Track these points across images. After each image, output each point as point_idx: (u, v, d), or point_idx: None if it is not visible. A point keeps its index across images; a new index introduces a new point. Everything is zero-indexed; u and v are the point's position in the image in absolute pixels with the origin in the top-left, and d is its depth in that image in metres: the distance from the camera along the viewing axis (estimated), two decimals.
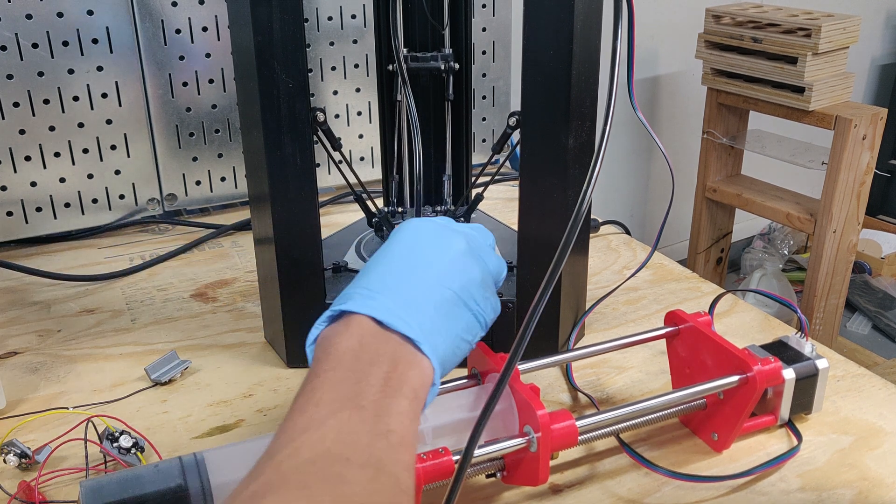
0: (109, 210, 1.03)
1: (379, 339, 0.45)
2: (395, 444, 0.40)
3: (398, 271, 0.49)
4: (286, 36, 0.62)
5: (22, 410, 0.68)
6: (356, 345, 0.44)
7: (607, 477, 0.59)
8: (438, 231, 0.52)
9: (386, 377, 0.43)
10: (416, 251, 0.51)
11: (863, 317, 2.42)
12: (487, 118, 1.20)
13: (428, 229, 0.52)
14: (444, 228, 0.53)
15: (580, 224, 0.48)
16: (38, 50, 0.93)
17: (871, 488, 0.58)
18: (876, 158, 1.85)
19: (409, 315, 0.46)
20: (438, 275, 0.49)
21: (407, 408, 0.42)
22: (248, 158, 0.72)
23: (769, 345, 0.65)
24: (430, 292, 0.48)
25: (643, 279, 0.89)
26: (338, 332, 0.46)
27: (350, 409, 0.40)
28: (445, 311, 0.48)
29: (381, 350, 0.44)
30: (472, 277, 0.51)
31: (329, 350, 0.45)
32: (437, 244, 0.51)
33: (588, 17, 0.63)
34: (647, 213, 2.49)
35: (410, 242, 0.52)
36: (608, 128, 0.49)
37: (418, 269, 0.49)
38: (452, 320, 0.48)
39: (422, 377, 0.45)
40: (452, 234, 0.52)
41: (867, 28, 2.47)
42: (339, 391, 0.42)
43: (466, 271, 0.50)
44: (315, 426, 0.39)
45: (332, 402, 0.41)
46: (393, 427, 0.41)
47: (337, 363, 0.44)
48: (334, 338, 0.45)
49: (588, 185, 0.49)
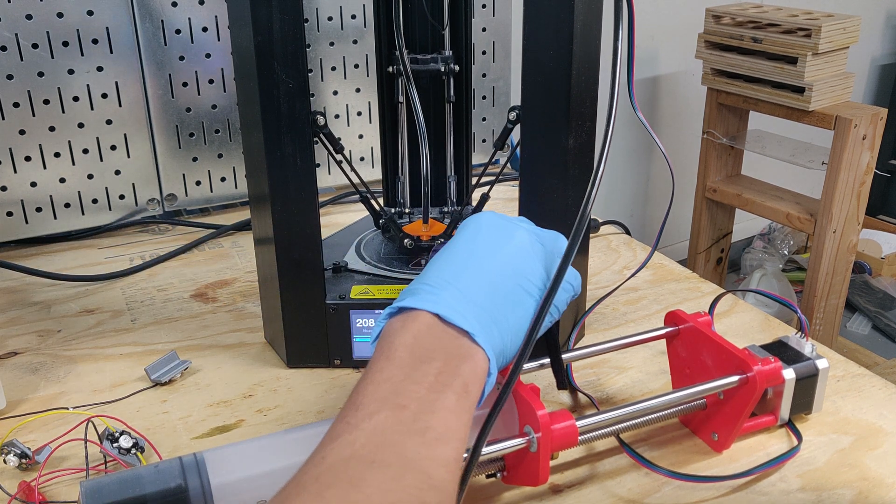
0: (109, 210, 1.03)
1: (435, 333, 0.46)
2: (432, 441, 0.40)
3: (459, 264, 0.50)
4: (286, 36, 0.62)
5: (22, 410, 0.68)
6: (411, 341, 0.45)
7: (607, 477, 0.59)
8: (500, 224, 0.54)
9: (437, 372, 0.44)
10: (477, 243, 0.52)
11: (863, 317, 2.42)
12: (487, 118, 1.20)
13: (489, 224, 0.54)
14: (506, 221, 0.54)
15: (584, 228, 0.49)
16: (38, 50, 0.93)
17: (871, 488, 0.58)
18: (876, 158, 1.85)
19: (467, 308, 0.47)
20: (499, 265, 0.51)
21: (454, 403, 0.43)
22: (248, 158, 0.72)
23: (769, 345, 0.65)
24: (489, 283, 0.49)
25: (643, 279, 0.89)
26: (395, 330, 0.47)
27: (388, 409, 0.41)
28: (505, 302, 0.49)
29: (436, 345, 0.45)
30: (535, 268, 0.52)
31: (383, 348, 0.46)
32: (498, 236, 0.53)
33: (588, 17, 0.63)
34: (647, 213, 2.49)
35: (472, 237, 0.53)
36: (611, 130, 0.49)
37: (478, 262, 0.51)
38: (514, 309, 0.50)
39: (475, 370, 0.45)
40: (513, 226, 0.54)
41: (867, 28, 2.47)
42: (381, 391, 0.43)
43: (528, 262, 0.52)
44: (349, 430, 0.40)
45: (371, 404, 0.42)
46: (433, 423, 0.41)
47: (387, 362, 0.45)
48: (391, 335, 0.47)
49: (591, 188, 0.50)
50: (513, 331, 0.49)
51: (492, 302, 0.49)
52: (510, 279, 0.50)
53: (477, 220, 0.55)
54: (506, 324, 0.49)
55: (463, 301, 0.48)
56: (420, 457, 0.39)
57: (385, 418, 0.41)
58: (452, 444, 0.42)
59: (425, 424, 0.41)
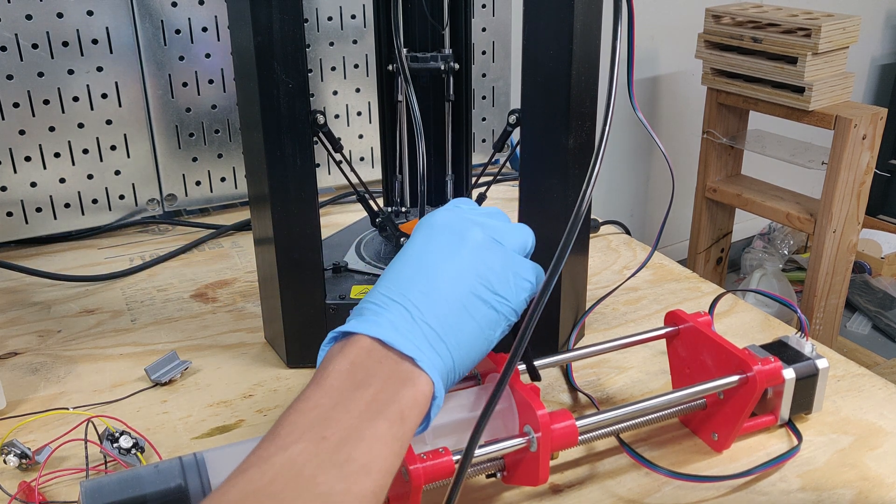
0: (109, 210, 1.03)
1: (375, 357, 0.44)
2: (351, 473, 0.39)
3: (408, 277, 0.48)
4: (286, 36, 0.62)
5: (22, 411, 0.68)
6: (347, 367, 0.44)
7: (607, 477, 0.59)
8: (452, 226, 0.51)
9: (371, 399, 0.42)
10: (428, 251, 0.50)
11: (863, 317, 2.42)
12: (487, 118, 1.20)
13: (442, 226, 0.51)
14: (460, 220, 0.52)
15: (580, 224, 0.48)
16: (37, 50, 0.93)
17: (871, 488, 0.58)
18: (876, 158, 1.85)
19: (412, 328, 0.46)
20: (450, 275, 0.49)
21: (385, 431, 0.41)
22: (248, 159, 0.72)
23: (769, 345, 0.65)
24: (440, 296, 0.47)
25: (643, 279, 0.89)
26: (333, 355, 0.45)
27: (307, 440, 0.40)
28: (457, 313, 0.47)
29: (375, 370, 0.44)
30: (491, 268, 0.50)
31: (317, 375, 0.44)
32: (450, 241, 0.50)
33: (588, 17, 0.63)
34: (647, 213, 2.49)
35: (422, 245, 0.51)
36: (608, 127, 0.49)
37: (429, 272, 0.49)
38: (467, 321, 0.48)
39: (415, 395, 0.44)
40: (467, 227, 0.51)
41: (867, 28, 2.47)
42: (305, 420, 0.41)
43: (483, 264, 0.50)
44: (258, 463, 0.39)
45: (290, 434, 0.40)
46: (356, 454, 0.40)
47: (317, 388, 0.43)
48: (329, 361, 0.45)
49: (588, 185, 0.49)
50: (465, 344, 0.48)
51: (442, 317, 0.47)
52: (463, 287, 0.48)
53: (429, 223, 0.52)
54: (456, 339, 0.47)
55: (408, 321, 0.46)
56: (333, 491, 0.38)
57: (301, 450, 0.39)
58: (373, 476, 0.40)
59: (347, 455, 0.39)
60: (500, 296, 0.50)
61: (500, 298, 0.50)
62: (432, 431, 0.53)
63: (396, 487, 0.50)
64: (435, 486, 0.50)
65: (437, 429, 0.53)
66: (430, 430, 0.53)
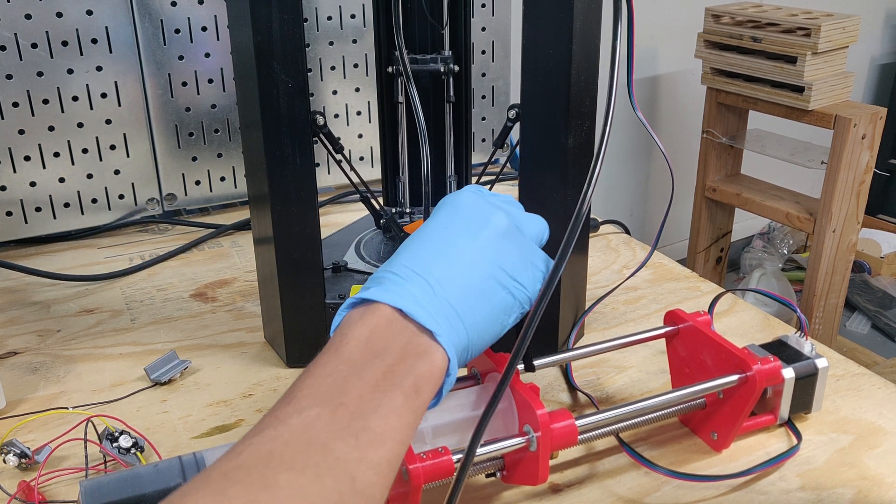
0: (109, 210, 1.03)
1: (394, 328, 0.44)
2: (366, 443, 0.39)
3: (430, 252, 0.48)
4: (285, 36, 0.62)
5: (22, 410, 0.68)
6: (366, 335, 0.44)
7: (607, 476, 0.59)
8: (476, 208, 0.51)
9: (388, 370, 0.42)
10: (451, 230, 0.50)
11: (862, 316, 2.42)
12: (487, 118, 1.20)
13: (466, 207, 0.51)
14: (484, 204, 0.52)
15: (580, 225, 0.48)
16: (37, 50, 0.92)
17: (870, 487, 0.58)
18: (875, 158, 1.85)
19: (432, 303, 0.46)
20: (472, 256, 0.48)
21: (400, 403, 0.41)
22: (248, 158, 0.72)
23: (769, 344, 0.65)
24: (460, 274, 0.47)
25: (643, 279, 0.89)
26: (353, 322, 0.45)
27: (324, 406, 0.39)
28: (476, 294, 0.47)
29: (393, 341, 0.44)
30: (511, 254, 0.50)
31: (335, 341, 0.44)
32: (474, 222, 0.50)
33: (588, 16, 0.63)
34: (646, 212, 2.49)
35: (447, 220, 0.51)
36: (608, 127, 0.49)
37: (451, 249, 0.48)
38: (484, 303, 0.48)
39: (431, 369, 0.44)
40: (491, 211, 0.51)
41: (867, 27, 2.47)
42: (321, 387, 0.41)
43: (503, 249, 0.50)
44: (274, 425, 0.38)
45: (306, 399, 0.40)
46: (372, 424, 0.39)
47: (335, 355, 0.43)
48: (346, 328, 0.45)
49: (589, 185, 0.49)
50: (480, 325, 0.48)
51: (461, 295, 0.47)
52: (484, 269, 0.48)
53: (454, 201, 0.52)
54: (473, 319, 0.47)
55: (430, 295, 0.46)
56: (348, 459, 0.38)
57: (317, 415, 0.39)
58: (388, 445, 0.40)
59: (362, 424, 0.39)
60: (517, 282, 0.50)
61: (517, 285, 0.50)
62: (432, 431, 0.53)
63: (396, 487, 0.50)
64: (435, 486, 0.50)
65: (436, 428, 0.53)
66: (429, 430, 0.53)
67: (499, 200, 0.54)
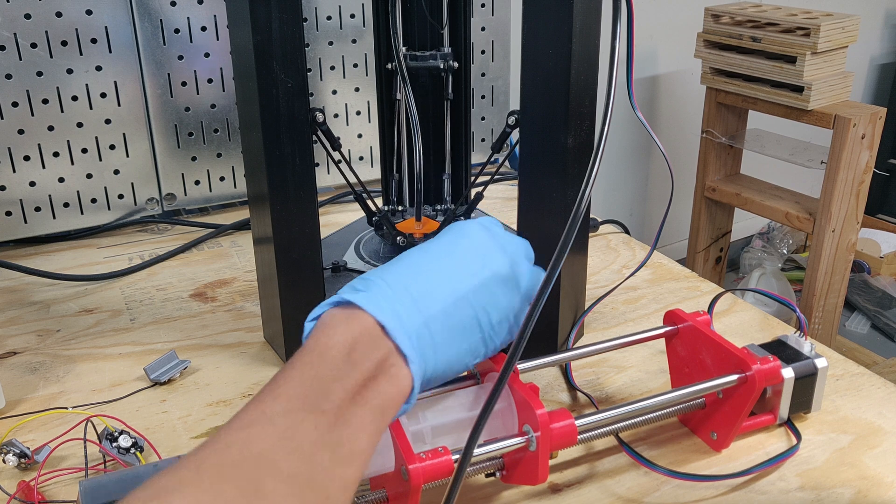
0: (108, 210, 1.03)
1: (374, 342, 0.44)
2: (340, 459, 0.38)
3: (426, 276, 0.48)
4: (285, 35, 0.62)
5: (21, 410, 0.68)
6: (349, 343, 0.43)
7: (606, 476, 0.59)
8: (482, 245, 0.51)
9: (362, 384, 0.42)
10: (454, 259, 0.49)
11: (862, 316, 2.42)
12: (486, 117, 1.20)
13: (476, 239, 0.51)
14: (492, 244, 0.51)
15: (578, 223, 0.48)
16: (36, 50, 0.92)
17: (870, 487, 0.58)
18: (875, 157, 1.85)
19: (414, 326, 0.45)
20: (465, 293, 0.48)
21: (369, 422, 0.41)
22: (247, 158, 0.72)
23: (768, 344, 0.65)
24: (449, 308, 0.47)
25: (642, 278, 0.89)
26: (337, 323, 0.44)
27: (308, 410, 0.39)
28: (456, 332, 0.47)
29: (371, 356, 0.43)
30: (499, 303, 0.50)
31: (320, 340, 0.43)
32: (478, 259, 0.50)
33: (587, 16, 0.63)
34: (646, 212, 2.49)
35: (452, 247, 0.50)
36: (607, 127, 0.49)
37: (446, 281, 0.48)
38: (459, 341, 0.48)
39: (396, 394, 0.43)
40: (495, 254, 0.51)
41: (866, 27, 2.47)
42: (306, 388, 0.40)
43: (495, 296, 0.49)
44: (263, 422, 0.38)
45: (293, 399, 0.39)
46: (345, 440, 0.39)
47: (319, 357, 0.42)
48: (331, 328, 0.44)
49: (587, 183, 0.49)
50: (449, 362, 0.47)
51: (443, 328, 0.46)
52: (471, 310, 0.48)
53: (461, 230, 0.52)
54: (446, 355, 0.47)
55: (414, 317, 0.45)
56: (326, 474, 0.37)
57: (302, 420, 0.38)
58: (356, 465, 0.39)
59: (339, 437, 0.39)
60: (495, 332, 0.49)
61: (493, 334, 0.49)
62: (431, 430, 0.53)
63: (396, 486, 0.50)
64: (434, 486, 0.50)
65: (436, 428, 0.53)
66: (429, 429, 0.53)
67: (508, 243, 0.53)
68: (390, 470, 0.51)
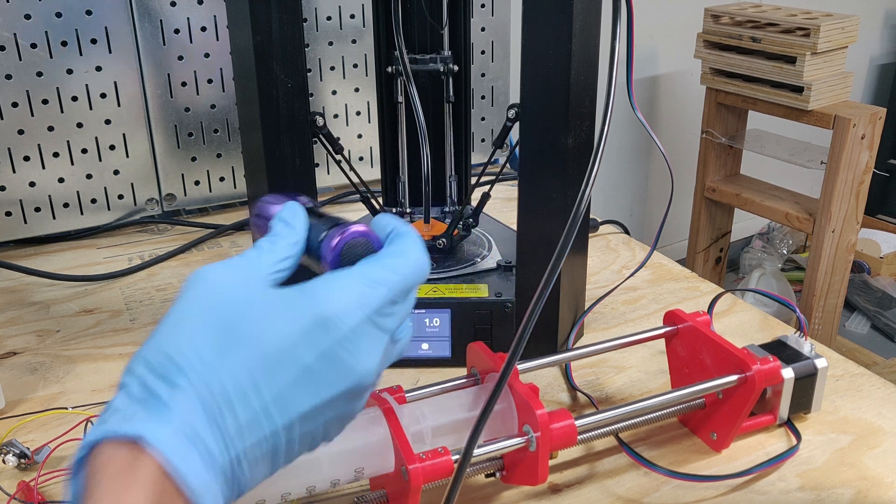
0: (108, 210, 1.03)
1: (167, 491, 0.33)
2: None
3: (251, 373, 0.36)
4: (285, 36, 0.62)
5: (21, 410, 0.68)
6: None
7: (606, 476, 0.59)
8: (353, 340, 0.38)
9: None
10: (299, 353, 0.37)
11: (862, 316, 2.42)
12: (486, 118, 1.20)
13: (343, 326, 0.38)
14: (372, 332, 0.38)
15: (578, 223, 0.48)
16: (36, 50, 0.92)
17: (870, 487, 0.58)
18: (875, 158, 1.85)
19: (217, 466, 0.34)
20: (305, 413, 0.37)
21: None
22: (247, 158, 0.72)
23: (768, 344, 0.65)
24: (280, 430, 0.36)
25: (642, 279, 0.89)
26: (119, 473, 0.32)
27: None
28: (275, 455, 0.37)
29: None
30: (346, 416, 0.39)
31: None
32: (337, 365, 0.37)
33: (587, 16, 0.63)
34: (646, 212, 2.49)
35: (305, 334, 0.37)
36: (607, 127, 0.49)
37: (283, 395, 0.36)
38: (276, 461, 0.38)
39: None
40: (366, 358, 0.38)
41: (866, 28, 2.47)
42: None
43: (345, 412, 0.39)
44: None
45: None
46: None
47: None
48: (118, 487, 0.32)
49: (586, 184, 0.49)
50: (256, 481, 0.37)
51: (256, 458, 0.36)
52: (306, 430, 0.37)
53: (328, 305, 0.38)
54: (254, 482, 0.37)
55: (222, 452, 0.35)
56: None
57: None
58: None
59: None
60: (326, 441, 0.40)
61: (325, 443, 0.40)
62: (431, 431, 0.53)
63: (396, 487, 0.50)
64: (434, 486, 0.50)
65: (436, 428, 0.53)
66: (429, 430, 0.53)
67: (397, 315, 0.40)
68: (390, 470, 0.51)
